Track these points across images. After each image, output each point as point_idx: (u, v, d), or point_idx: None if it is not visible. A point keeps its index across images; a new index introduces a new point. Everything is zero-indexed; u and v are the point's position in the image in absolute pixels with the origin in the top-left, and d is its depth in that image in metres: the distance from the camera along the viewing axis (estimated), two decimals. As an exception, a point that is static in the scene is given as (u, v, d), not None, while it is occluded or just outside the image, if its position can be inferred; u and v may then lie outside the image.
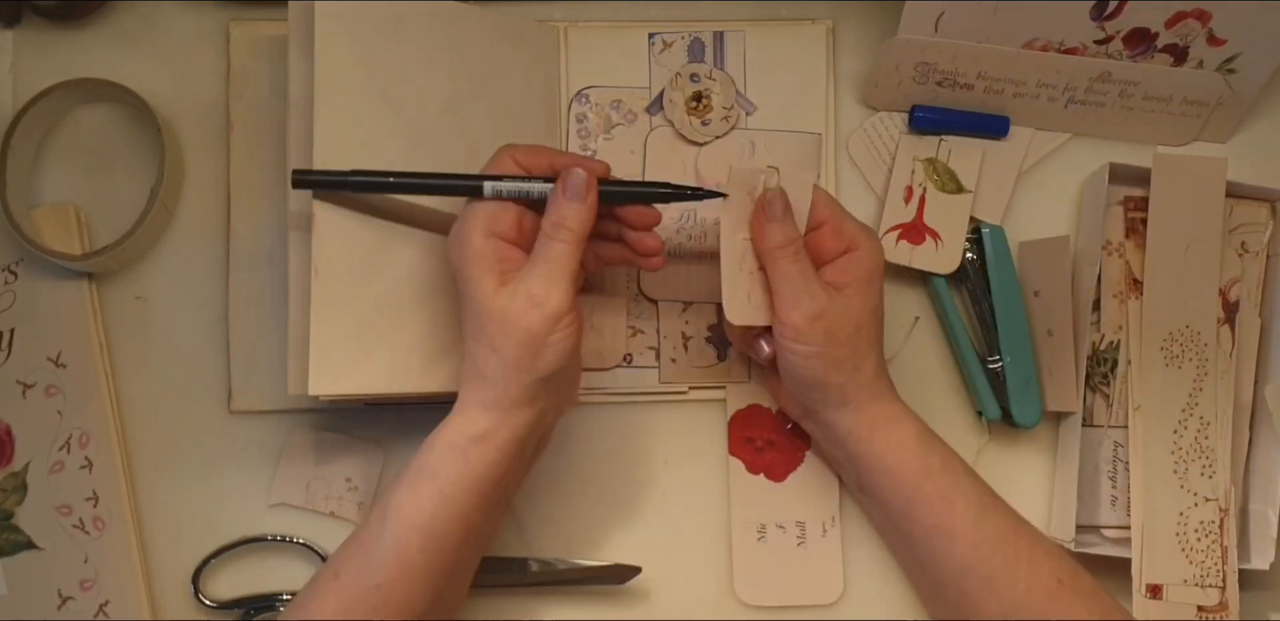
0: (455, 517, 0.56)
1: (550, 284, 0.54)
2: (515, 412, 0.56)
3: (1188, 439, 0.65)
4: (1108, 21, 0.65)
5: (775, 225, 0.58)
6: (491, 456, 0.56)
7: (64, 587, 0.65)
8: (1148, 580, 0.64)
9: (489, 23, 0.66)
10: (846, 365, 0.58)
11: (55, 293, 0.67)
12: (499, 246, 0.55)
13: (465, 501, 0.56)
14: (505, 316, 0.54)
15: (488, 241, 0.55)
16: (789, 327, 0.57)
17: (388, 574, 0.55)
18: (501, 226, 0.56)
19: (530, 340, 0.54)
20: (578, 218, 0.55)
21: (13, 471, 0.66)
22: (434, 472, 0.56)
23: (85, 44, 0.69)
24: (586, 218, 0.55)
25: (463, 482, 0.55)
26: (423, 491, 0.55)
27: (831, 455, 0.65)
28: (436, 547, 0.56)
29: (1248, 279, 0.68)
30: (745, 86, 0.68)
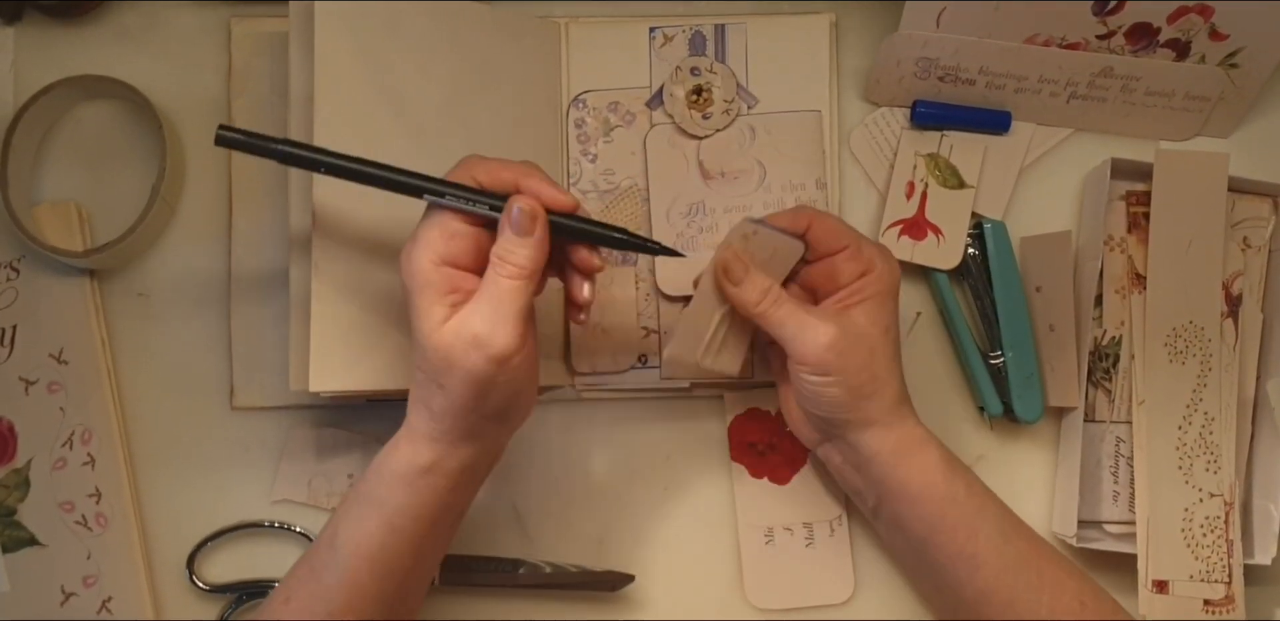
0: (405, 544, 0.55)
1: (496, 323, 0.50)
2: (463, 445, 0.54)
3: (1192, 434, 0.65)
4: (1110, 17, 0.64)
5: (744, 285, 0.57)
6: (440, 485, 0.54)
7: (66, 584, 0.65)
8: (1154, 575, 0.64)
9: (489, 19, 0.66)
10: (867, 389, 0.57)
11: (57, 289, 0.67)
12: (450, 275, 0.51)
13: (414, 530, 0.54)
14: (449, 355, 0.50)
15: (438, 270, 0.51)
16: (805, 364, 0.56)
17: (340, 601, 0.54)
18: (455, 252, 0.52)
19: (474, 381, 0.51)
20: (523, 253, 0.51)
21: (15, 468, 0.66)
22: (381, 502, 0.54)
23: (86, 41, 0.70)
24: (535, 254, 0.51)
25: (410, 512, 0.54)
26: (370, 521, 0.54)
27: (850, 481, 0.62)
28: (387, 573, 0.55)
29: (1250, 274, 0.68)
30: (746, 80, 0.68)
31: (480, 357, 0.50)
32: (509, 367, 0.51)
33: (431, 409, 0.53)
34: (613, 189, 0.68)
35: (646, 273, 0.68)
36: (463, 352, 0.50)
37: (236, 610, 0.66)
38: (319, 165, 0.53)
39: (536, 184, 0.53)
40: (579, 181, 0.68)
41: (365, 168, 0.53)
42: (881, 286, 0.57)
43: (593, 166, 0.68)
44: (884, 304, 0.58)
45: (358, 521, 0.55)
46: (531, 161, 0.55)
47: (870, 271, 0.57)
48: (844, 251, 0.58)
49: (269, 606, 0.57)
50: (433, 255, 0.51)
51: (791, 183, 0.67)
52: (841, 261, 0.58)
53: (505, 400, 0.53)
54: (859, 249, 0.58)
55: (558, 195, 0.53)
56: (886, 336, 0.58)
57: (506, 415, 0.55)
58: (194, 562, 0.66)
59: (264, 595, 0.66)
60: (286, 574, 0.58)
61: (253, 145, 0.53)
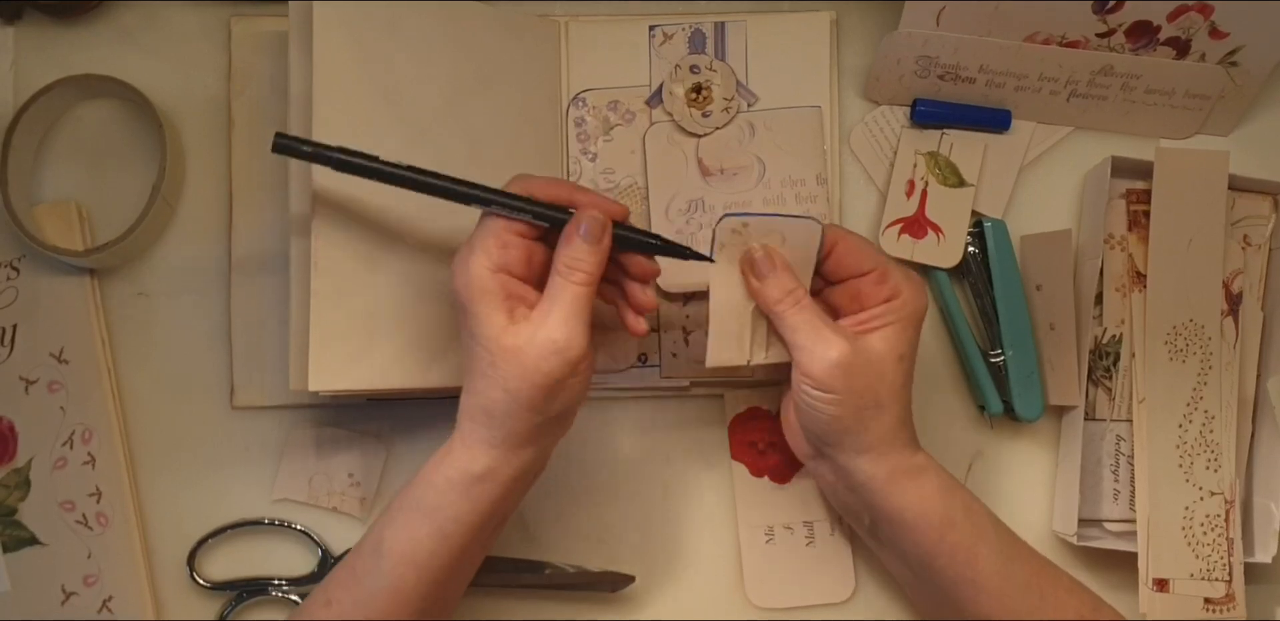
0: (454, 552, 0.55)
1: (570, 327, 0.52)
2: (520, 451, 0.55)
3: (1193, 432, 0.65)
4: (1110, 15, 0.64)
5: (768, 280, 0.56)
6: (494, 494, 0.55)
7: (67, 583, 0.65)
8: (1154, 574, 0.64)
9: (489, 18, 0.66)
10: (868, 414, 0.56)
11: (57, 289, 0.67)
12: (506, 282, 0.53)
13: (464, 537, 0.55)
14: (521, 358, 0.52)
15: (495, 276, 0.53)
16: (809, 377, 0.55)
17: (381, 607, 0.54)
18: (509, 260, 0.54)
19: (548, 383, 0.52)
20: (593, 260, 0.53)
21: (16, 467, 0.66)
22: (433, 509, 0.54)
23: (86, 40, 0.70)
24: (601, 261, 0.54)
25: (463, 519, 0.54)
26: (420, 528, 0.54)
27: (842, 500, 0.61)
28: (432, 580, 0.55)
29: (1250, 272, 0.67)
30: (746, 77, 0.68)
31: (559, 361, 0.52)
32: (580, 369, 0.53)
33: (492, 414, 0.53)
34: (613, 187, 0.68)
35: (646, 271, 0.68)
36: (540, 356, 0.52)
37: (236, 608, 0.66)
38: (374, 173, 0.54)
39: (589, 196, 0.55)
40: (579, 180, 0.68)
41: (422, 177, 0.55)
42: (905, 314, 0.56)
43: (593, 165, 0.68)
44: (904, 331, 0.56)
45: (405, 528, 0.55)
46: None
47: (895, 297, 0.56)
48: (870, 274, 0.57)
49: (308, 608, 0.57)
50: (489, 262, 0.53)
51: (791, 178, 0.67)
52: (867, 284, 0.57)
53: (572, 402, 0.54)
54: (886, 273, 0.57)
55: (612, 205, 0.55)
56: (900, 364, 0.56)
57: (565, 418, 0.56)
58: (194, 560, 0.66)
59: (264, 593, 0.66)
60: (325, 578, 0.58)
61: (310, 153, 0.54)
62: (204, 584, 0.66)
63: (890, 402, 0.56)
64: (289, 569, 0.67)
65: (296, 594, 0.66)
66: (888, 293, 0.56)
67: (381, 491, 0.68)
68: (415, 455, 0.68)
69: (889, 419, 0.56)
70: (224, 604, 0.66)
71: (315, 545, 0.67)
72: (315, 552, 0.67)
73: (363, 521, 0.67)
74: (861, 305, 0.57)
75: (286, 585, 0.66)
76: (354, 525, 0.67)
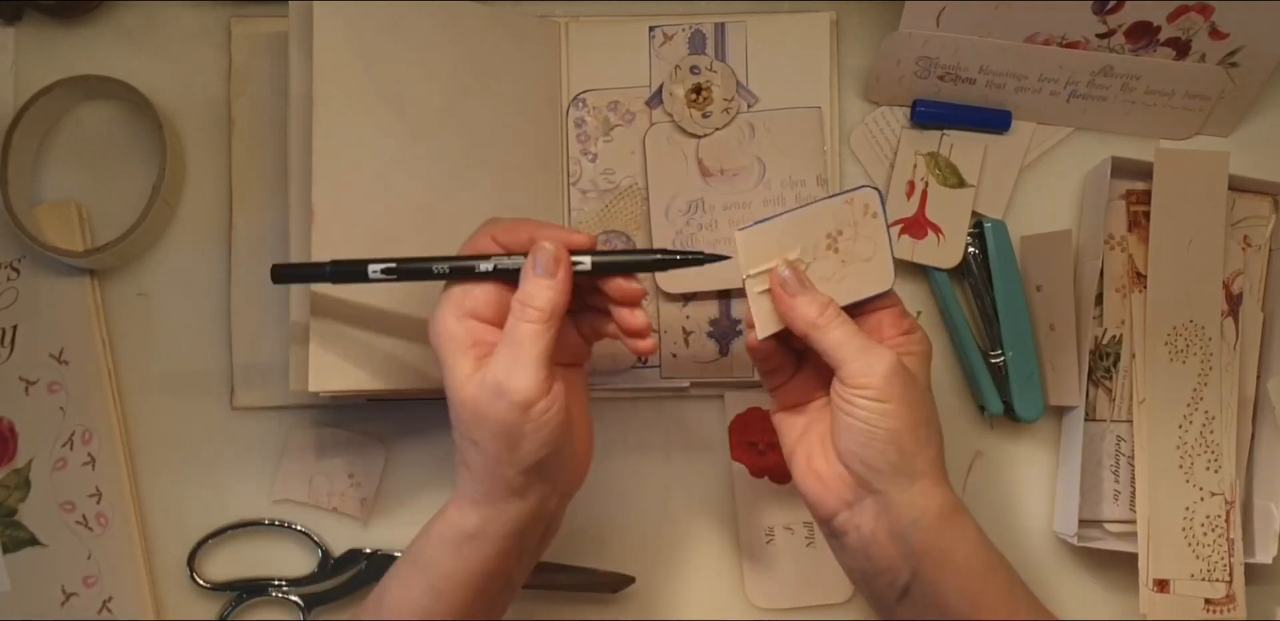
0: (450, 611, 0.53)
1: (516, 369, 0.49)
2: (506, 507, 0.52)
3: (1193, 433, 0.65)
4: (1109, 15, 0.64)
5: (800, 298, 0.53)
6: (485, 551, 0.53)
7: (67, 584, 0.65)
8: (1155, 574, 0.64)
9: (489, 19, 0.66)
10: (922, 430, 0.52)
11: (57, 289, 0.67)
12: (473, 328, 0.52)
13: (459, 595, 0.53)
14: (475, 406, 0.50)
15: (460, 323, 0.52)
16: (867, 388, 0.52)
17: None
18: (476, 305, 0.52)
19: (502, 432, 0.50)
20: (545, 296, 0.51)
21: (16, 468, 0.66)
22: (427, 565, 0.53)
23: (86, 41, 0.70)
24: (555, 296, 0.51)
25: (455, 577, 0.53)
26: (415, 584, 0.53)
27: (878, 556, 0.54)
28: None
29: (1250, 273, 0.67)
30: (747, 78, 0.68)
31: (504, 405, 0.49)
32: (534, 415, 0.50)
33: (470, 468, 0.52)
34: (613, 188, 0.68)
35: (646, 272, 0.68)
36: (488, 402, 0.50)
37: (236, 608, 0.66)
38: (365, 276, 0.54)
39: (552, 231, 0.53)
40: (579, 181, 0.68)
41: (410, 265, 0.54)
42: (923, 348, 0.56)
43: (593, 166, 0.68)
44: (924, 363, 0.55)
45: (404, 583, 0.54)
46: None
47: (912, 332, 0.56)
48: (890, 309, 0.56)
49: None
50: (455, 310, 0.52)
51: (791, 179, 0.67)
52: (887, 317, 0.56)
53: (539, 452, 0.51)
54: (903, 311, 0.57)
55: (574, 236, 0.53)
56: (929, 392, 0.55)
57: (547, 472, 0.53)
58: (194, 560, 0.66)
59: (264, 593, 0.66)
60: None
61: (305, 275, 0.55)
62: (204, 584, 0.66)
63: (937, 422, 0.54)
64: (289, 569, 0.67)
65: (296, 594, 0.66)
66: (904, 327, 0.56)
67: (381, 492, 0.68)
68: (415, 455, 0.68)
69: (937, 442, 0.54)
70: (224, 604, 0.66)
71: (315, 545, 0.67)
72: (315, 553, 0.67)
73: (363, 522, 0.67)
74: (881, 336, 0.56)
75: (286, 586, 0.66)
76: (354, 526, 0.67)
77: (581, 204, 0.68)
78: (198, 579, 0.66)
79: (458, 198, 0.64)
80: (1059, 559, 0.68)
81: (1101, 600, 0.67)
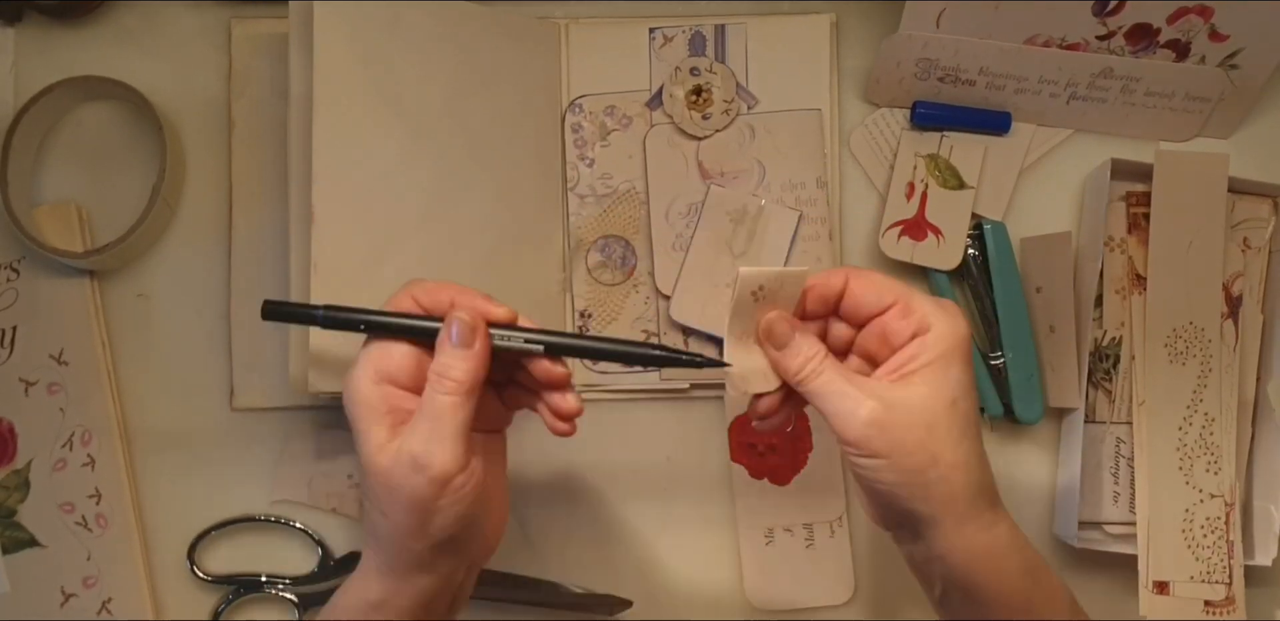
0: None
1: (434, 443, 0.47)
2: (411, 580, 0.51)
3: (1193, 435, 0.65)
4: (1109, 17, 0.64)
5: (785, 352, 0.50)
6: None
7: (67, 585, 0.65)
8: (1154, 577, 0.64)
9: (489, 20, 0.66)
10: (929, 474, 0.48)
11: (57, 290, 0.67)
12: (390, 393, 0.49)
13: None
14: (389, 479, 0.48)
15: (378, 387, 0.49)
16: (848, 444, 0.48)
17: None
18: (393, 369, 0.49)
19: (415, 506, 0.48)
20: (464, 367, 0.48)
21: (15, 469, 0.66)
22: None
23: (86, 42, 0.70)
24: (475, 367, 0.48)
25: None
26: None
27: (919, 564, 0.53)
28: None
29: (1250, 274, 0.68)
30: (747, 80, 0.68)
31: (421, 480, 0.47)
32: (451, 490, 0.48)
33: (379, 539, 0.50)
34: (611, 193, 0.68)
35: (646, 276, 0.68)
36: (402, 475, 0.47)
37: (232, 604, 0.66)
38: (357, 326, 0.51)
39: (471, 299, 0.50)
40: (576, 186, 0.68)
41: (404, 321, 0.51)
42: (943, 349, 0.49)
43: (590, 170, 0.68)
44: (947, 370, 0.49)
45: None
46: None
47: (925, 331, 0.49)
48: (892, 309, 0.50)
49: None
50: (372, 373, 0.50)
51: (791, 181, 0.67)
52: (891, 320, 0.50)
53: (451, 527, 0.49)
54: (908, 304, 0.50)
55: (493, 307, 0.50)
56: (954, 410, 0.48)
57: (458, 546, 0.51)
58: (194, 553, 0.66)
59: (260, 590, 0.66)
60: None
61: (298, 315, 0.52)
62: (203, 577, 0.66)
63: (953, 456, 0.48)
64: (288, 567, 0.67)
65: (293, 593, 0.66)
66: (915, 327, 0.49)
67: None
68: (415, 457, 0.68)
69: (958, 477, 0.49)
70: (220, 599, 0.66)
71: (315, 545, 0.67)
72: (315, 552, 0.67)
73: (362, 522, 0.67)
74: (891, 346, 0.50)
75: (284, 584, 0.66)
76: (353, 526, 0.67)
77: (579, 209, 0.68)
78: (197, 571, 0.66)
79: (457, 198, 0.64)
80: (1059, 560, 0.68)
81: (1101, 602, 0.67)
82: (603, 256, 0.68)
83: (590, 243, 0.68)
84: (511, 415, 0.55)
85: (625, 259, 0.68)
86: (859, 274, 0.51)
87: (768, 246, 0.67)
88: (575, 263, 0.68)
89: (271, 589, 0.66)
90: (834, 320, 0.53)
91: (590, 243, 0.68)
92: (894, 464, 0.48)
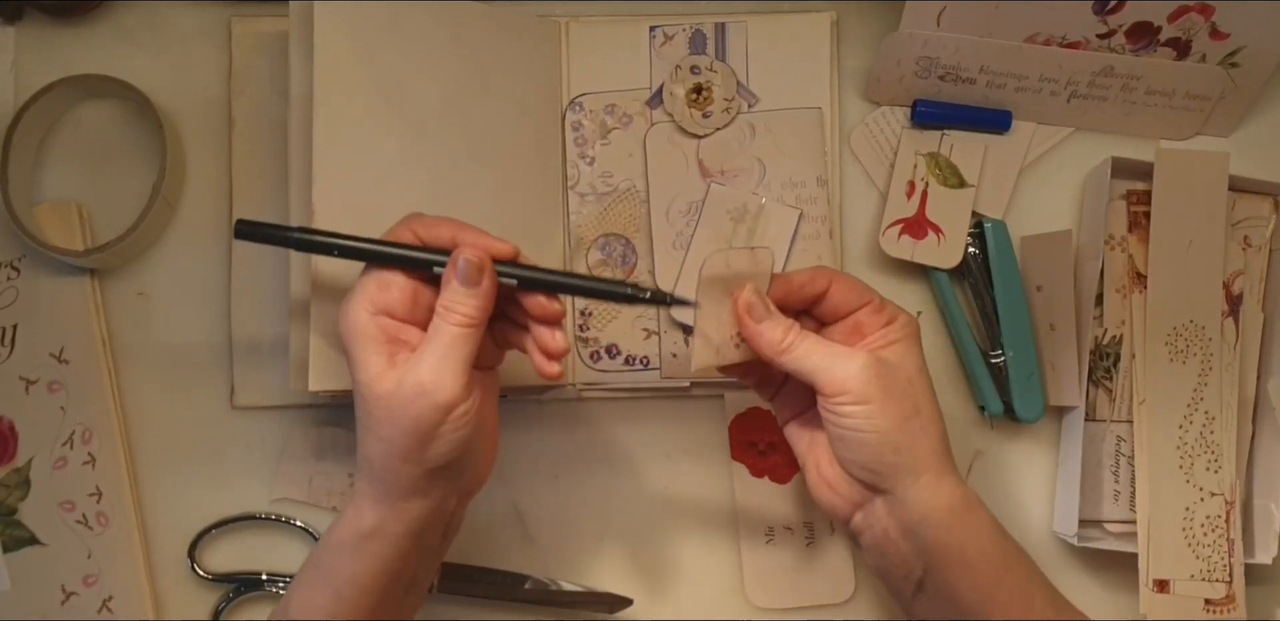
0: (354, 614, 0.53)
1: (441, 370, 0.49)
2: (405, 505, 0.52)
3: (1193, 433, 0.65)
4: (1110, 16, 0.64)
5: (766, 323, 0.54)
6: (385, 552, 0.52)
7: (67, 583, 0.65)
8: (1155, 575, 0.64)
9: (490, 18, 0.66)
10: (912, 423, 0.52)
11: (58, 289, 0.67)
12: (387, 324, 0.51)
13: (361, 600, 0.52)
14: (390, 403, 0.50)
15: (374, 319, 0.51)
16: (842, 393, 0.52)
17: None
18: (391, 302, 0.51)
19: (417, 430, 0.50)
20: (472, 303, 0.51)
21: (16, 467, 0.66)
22: (328, 570, 0.53)
23: (87, 40, 0.70)
24: (482, 304, 0.51)
25: (357, 581, 0.52)
26: (318, 590, 0.53)
27: (892, 553, 0.54)
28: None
29: (1250, 273, 0.68)
30: (747, 78, 0.68)
31: (426, 405, 0.49)
32: (454, 417, 0.50)
33: (373, 466, 0.52)
34: (611, 191, 0.68)
35: (646, 274, 0.68)
36: (407, 400, 0.49)
37: (233, 603, 0.66)
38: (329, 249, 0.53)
39: (474, 236, 0.52)
40: (577, 184, 0.68)
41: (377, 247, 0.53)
42: (908, 332, 0.55)
43: (590, 169, 0.68)
44: (911, 348, 0.55)
45: (308, 589, 0.53)
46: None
47: (894, 321, 0.55)
48: (866, 307, 0.55)
49: None
50: (369, 305, 0.51)
51: (791, 180, 0.67)
52: (865, 315, 0.55)
53: (450, 452, 0.51)
54: (880, 304, 0.55)
55: (495, 244, 0.52)
56: (923, 375, 0.54)
57: (453, 470, 0.53)
58: (195, 551, 0.66)
59: (261, 588, 0.66)
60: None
61: (270, 236, 0.54)
62: (204, 575, 0.66)
63: (928, 409, 0.54)
64: (290, 566, 0.67)
65: (296, 593, 0.66)
66: (885, 319, 0.55)
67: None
68: (415, 455, 0.68)
69: (934, 430, 0.53)
70: (219, 598, 0.66)
71: (314, 540, 0.67)
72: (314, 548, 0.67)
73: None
74: (862, 334, 0.55)
75: (287, 581, 0.66)
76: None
77: (580, 207, 0.68)
78: (197, 569, 0.66)
79: (458, 197, 0.64)
80: (1059, 559, 0.68)
81: (1101, 600, 0.67)
82: (603, 255, 0.68)
83: (591, 241, 0.68)
84: (503, 354, 0.57)
85: (626, 257, 0.68)
86: (841, 278, 0.56)
87: (768, 244, 0.66)
88: (576, 261, 0.68)
89: (272, 587, 0.66)
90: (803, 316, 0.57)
91: (591, 241, 0.68)
92: (885, 408, 0.52)
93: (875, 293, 0.56)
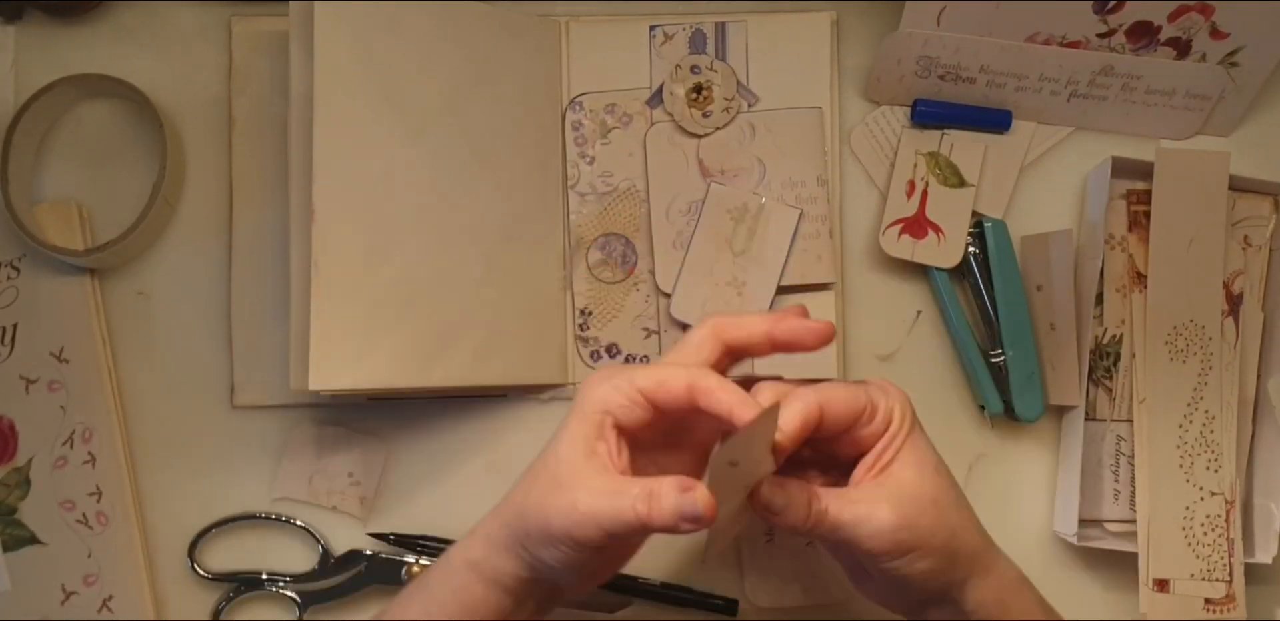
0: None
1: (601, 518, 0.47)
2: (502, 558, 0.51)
3: (1193, 433, 0.65)
4: (1110, 15, 0.64)
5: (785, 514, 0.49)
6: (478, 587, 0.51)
7: (67, 583, 0.65)
8: (1155, 574, 0.64)
9: (489, 18, 0.66)
10: (953, 545, 0.50)
11: (58, 288, 0.67)
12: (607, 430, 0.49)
13: None
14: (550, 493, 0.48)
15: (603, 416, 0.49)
16: (884, 553, 0.49)
17: None
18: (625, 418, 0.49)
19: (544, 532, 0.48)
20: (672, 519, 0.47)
21: (16, 467, 0.66)
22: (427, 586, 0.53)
23: (87, 40, 0.70)
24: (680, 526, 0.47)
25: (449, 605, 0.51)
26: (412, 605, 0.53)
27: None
28: None
29: (1251, 273, 0.67)
30: (747, 78, 0.68)
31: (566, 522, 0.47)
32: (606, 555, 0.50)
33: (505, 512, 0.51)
34: (611, 190, 0.68)
35: (646, 274, 0.68)
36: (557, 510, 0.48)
37: (233, 602, 0.66)
38: None
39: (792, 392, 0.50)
40: (577, 184, 0.68)
41: None
42: (905, 427, 0.51)
43: (590, 168, 0.68)
44: (916, 444, 0.51)
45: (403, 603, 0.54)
46: None
47: (890, 423, 0.51)
48: (859, 419, 0.50)
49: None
50: (606, 402, 0.49)
51: (791, 180, 0.67)
52: (860, 429, 0.51)
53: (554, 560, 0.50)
54: (871, 408, 0.50)
55: None
56: (939, 476, 0.51)
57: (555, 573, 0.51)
58: (195, 550, 0.66)
59: (261, 588, 0.66)
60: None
61: None
62: (204, 574, 0.66)
63: (959, 519, 0.51)
64: (290, 565, 0.67)
65: (294, 590, 0.66)
66: (881, 424, 0.50)
67: (381, 491, 0.68)
68: (415, 455, 0.68)
69: (971, 536, 0.51)
70: (219, 598, 0.66)
71: (316, 543, 0.67)
72: (316, 550, 0.67)
73: (363, 521, 0.67)
74: (861, 447, 0.51)
75: (285, 581, 0.66)
76: (354, 524, 0.67)
77: (580, 206, 0.68)
78: (198, 569, 0.66)
79: (458, 197, 0.64)
80: (1059, 558, 0.68)
81: (1101, 600, 0.67)
82: (603, 254, 0.68)
83: (591, 240, 0.68)
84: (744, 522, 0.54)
85: (626, 257, 0.68)
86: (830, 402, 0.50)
87: (768, 244, 0.67)
88: (576, 260, 0.68)
89: (272, 586, 0.66)
90: None
91: (591, 240, 0.68)
92: (926, 551, 0.49)
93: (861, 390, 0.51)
